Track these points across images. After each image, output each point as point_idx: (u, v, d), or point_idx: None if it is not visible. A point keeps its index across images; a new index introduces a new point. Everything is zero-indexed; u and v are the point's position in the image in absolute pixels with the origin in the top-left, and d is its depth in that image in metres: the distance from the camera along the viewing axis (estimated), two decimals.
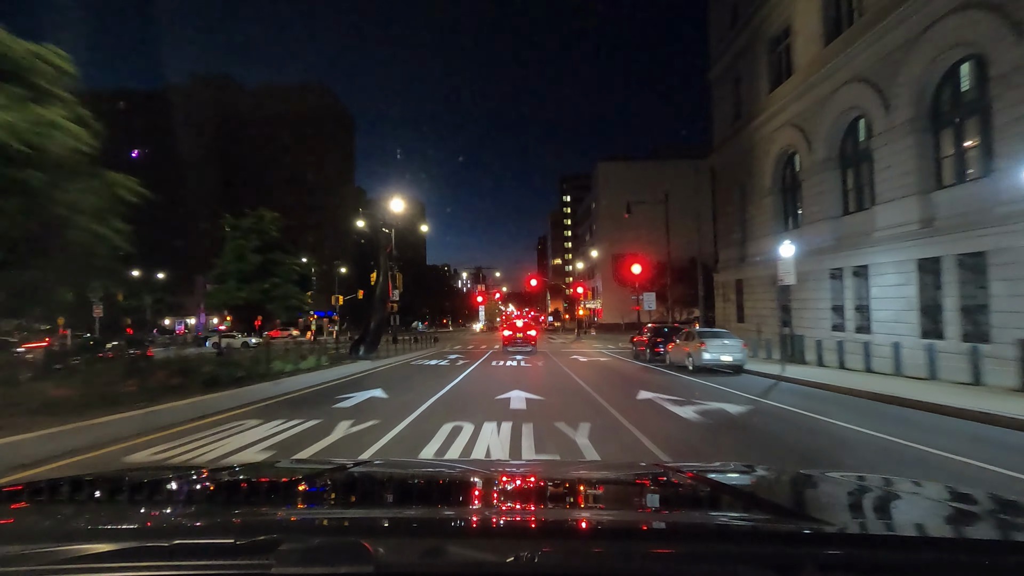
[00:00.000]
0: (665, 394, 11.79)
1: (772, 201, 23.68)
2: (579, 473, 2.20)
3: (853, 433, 7.96)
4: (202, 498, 1.58)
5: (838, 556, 0.95)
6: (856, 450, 6.99)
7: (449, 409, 9.77)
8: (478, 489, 1.69)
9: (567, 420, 8.45)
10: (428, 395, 11.68)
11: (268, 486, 1.70)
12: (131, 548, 1.04)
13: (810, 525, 1.18)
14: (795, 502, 1.61)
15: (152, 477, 1.82)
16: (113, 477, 1.86)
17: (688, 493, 1.69)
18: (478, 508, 1.45)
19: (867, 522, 1.38)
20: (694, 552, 1.00)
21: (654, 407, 10.11)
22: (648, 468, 2.26)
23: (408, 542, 1.04)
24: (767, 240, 23.45)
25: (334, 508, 1.48)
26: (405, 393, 12.21)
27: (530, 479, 1.89)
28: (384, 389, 12.86)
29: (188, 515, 1.27)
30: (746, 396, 11.68)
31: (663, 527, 1.21)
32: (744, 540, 1.08)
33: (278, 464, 3.52)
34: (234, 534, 1.04)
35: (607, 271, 73.47)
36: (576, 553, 1.00)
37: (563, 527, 1.17)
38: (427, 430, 7.82)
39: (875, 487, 1.69)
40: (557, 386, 13.83)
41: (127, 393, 9.05)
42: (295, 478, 1.82)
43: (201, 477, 1.83)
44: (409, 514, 1.31)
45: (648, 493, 1.71)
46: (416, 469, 2.40)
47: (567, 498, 1.67)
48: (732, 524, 1.25)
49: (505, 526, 1.15)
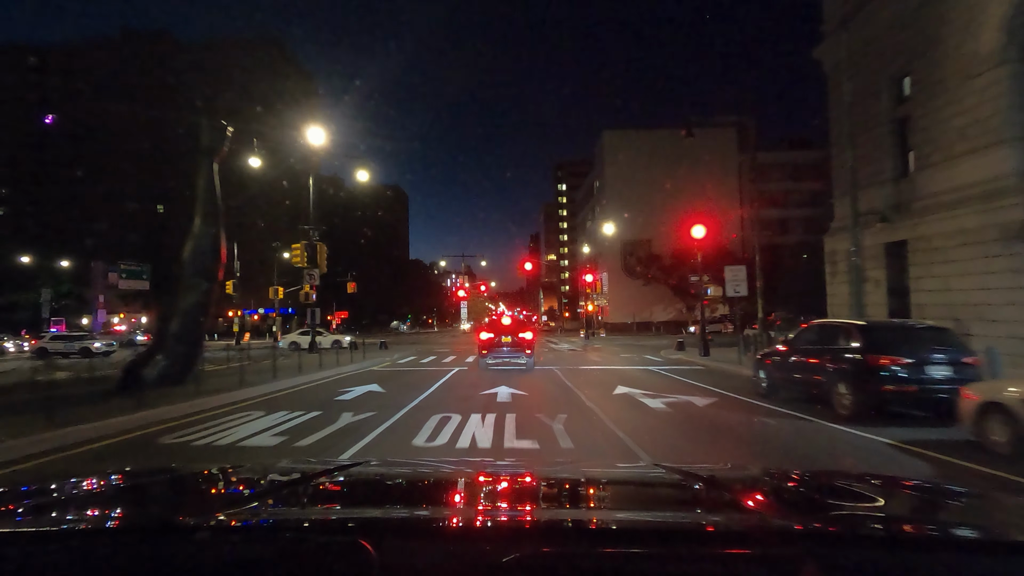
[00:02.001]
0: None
1: (1005, 77, 12.02)
2: (579, 474, 2.04)
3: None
4: (203, 498, 1.63)
5: (837, 556, 0.96)
6: None
7: None
8: (479, 489, 1.68)
9: None
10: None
11: (269, 486, 1.72)
12: (132, 546, 1.04)
13: (808, 525, 1.17)
14: (793, 502, 1.60)
15: (153, 478, 1.86)
16: (115, 479, 1.84)
17: (685, 493, 1.65)
18: (478, 508, 1.44)
19: (867, 522, 1.31)
20: (692, 553, 0.99)
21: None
22: (647, 468, 2.44)
23: (408, 542, 1.03)
24: (995, 153, 11.83)
25: (334, 508, 1.50)
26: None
27: (530, 480, 1.85)
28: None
29: (188, 515, 1.23)
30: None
31: (660, 527, 1.17)
32: (741, 540, 1.05)
33: (278, 464, 3.11)
34: (235, 534, 1.06)
35: (613, 262, 61.56)
36: (574, 553, 0.99)
37: (562, 527, 1.16)
38: None
39: (876, 487, 1.68)
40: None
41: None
42: (296, 478, 1.83)
43: (201, 477, 1.89)
44: (409, 514, 1.32)
45: (645, 493, 1.73)
46: (416, 469, 2.28)
47: (566, 499, 1.65)
48: (728, 524, 1.21)
49: (505, 526, 1.14)
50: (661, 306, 60.74)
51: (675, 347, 22.95)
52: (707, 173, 62.01)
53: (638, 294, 61.28)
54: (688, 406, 9.49)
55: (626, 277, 61.51)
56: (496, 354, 15.86)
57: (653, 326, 60.44)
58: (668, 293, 59.66)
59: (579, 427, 7.60)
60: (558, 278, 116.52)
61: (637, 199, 61.61)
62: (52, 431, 7.15)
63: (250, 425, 8.20)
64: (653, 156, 63.03)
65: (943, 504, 1.53)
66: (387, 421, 8.27)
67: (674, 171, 62.56)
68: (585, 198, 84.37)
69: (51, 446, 6.80)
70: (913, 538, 1.13)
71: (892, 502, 1.50)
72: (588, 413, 8.80)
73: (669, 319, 60.49)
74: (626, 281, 61.75)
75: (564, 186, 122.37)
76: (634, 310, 61.67)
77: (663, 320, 60.60)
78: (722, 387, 11.92)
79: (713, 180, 62.13)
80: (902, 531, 1.19)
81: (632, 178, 63.52)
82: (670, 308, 61.26)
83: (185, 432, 7.76)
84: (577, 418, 8.28)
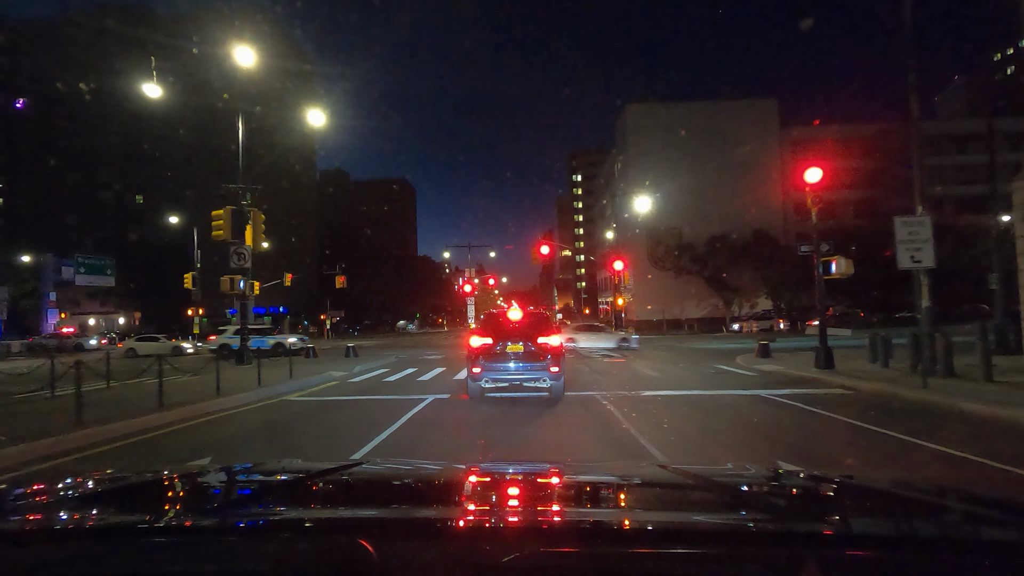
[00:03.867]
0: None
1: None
2: (580, 474, 2.00)
3: None
4: (203, 499, 1.59)
5: (837, 557, 0.95)
6: None
7: None
8: (479, 489, 1.64)
9: None
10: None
11: (268, 486, 1.70)
12: (134, 546, 1.03)
13: (809, 526, 1.16)
14: (795, 503, 1.55)
15: (156, 478, 1.81)
16: (116, 479, 1.80)
17: (688, 494, 1.62)
18: (478, 508, 1.41)
19: (867, 522, 1.31)
20: (693, 553, 0.97)
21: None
22: (648, 469, 2.30)
23: (408, 542, 1.02)
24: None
25: (334, 508, 1.46)
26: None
27: (531, 480, 1.80)
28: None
29: (190, 515, 1.22)
30: None
31: (662, 528, 1.14)
32: (743, 541, 1.04)
33: (278, 464, 2.61)
34: (236, 534, 1.05)
35: (637, 253, 54.35)
36: (575, 554, 0.97)
37: (562, 527, 1.13)
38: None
39: (876, 487, 1.64)
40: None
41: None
42: (296, 478, 1.79)
43: (202, 478, 1.85)
44: (409, 514, 1.30)
45: (648, 494, 1.67)
46: (417, 469, 2.16)
47: (567, 499, 1.61)
48: (731, 525, 1.20)
49: (505, 526, 1.10)
50: (693, 301, 53.60)
51: (757, 353, 16.20)
52: (744, 151, 54.68)
53: (667, 288, 54.15)
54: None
55: (652, 269, 54.30)
56: (497, 370, 9.20)
57: (685, 324, 53.36)
58: (702, 286, 52.60)
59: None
60: (574, 274, 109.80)
61: (664, 181, 54.33)
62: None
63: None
64: (681, 133, 55.81)
65: (948, 505, 1.43)
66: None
67: (706, 149, 55.44)
68: (604, 184, 77.33)
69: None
70: (913, 538, 1.09)
71: (894, 503, 1.47)
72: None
73: (703, 316, 53.31)
74: (652, 274, 54.58)
75: (579, 177, 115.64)
76: (662, 306, 54.54)
77: (696, 317, 53.47)
78: (988, 453, 5.25)
79: (751, 158, 54.88)
80: (902, 531, 1.16)
81: (658, 157, 56.36)
82: (704, 303, 54.12)
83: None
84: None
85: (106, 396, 10.30)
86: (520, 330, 9.44)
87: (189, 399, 9.17)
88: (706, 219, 52.97)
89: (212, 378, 10.48)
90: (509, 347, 9.21)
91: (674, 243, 52.96)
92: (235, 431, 7.47)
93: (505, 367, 9.17)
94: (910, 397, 8.67)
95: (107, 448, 6.51)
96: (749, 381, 11.66)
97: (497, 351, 9.22)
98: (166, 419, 7.95)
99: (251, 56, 14.83)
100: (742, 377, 12.47)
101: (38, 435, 6.50)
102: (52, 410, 8.42)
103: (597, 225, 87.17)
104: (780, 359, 15.44)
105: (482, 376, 9.19)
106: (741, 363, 15.38)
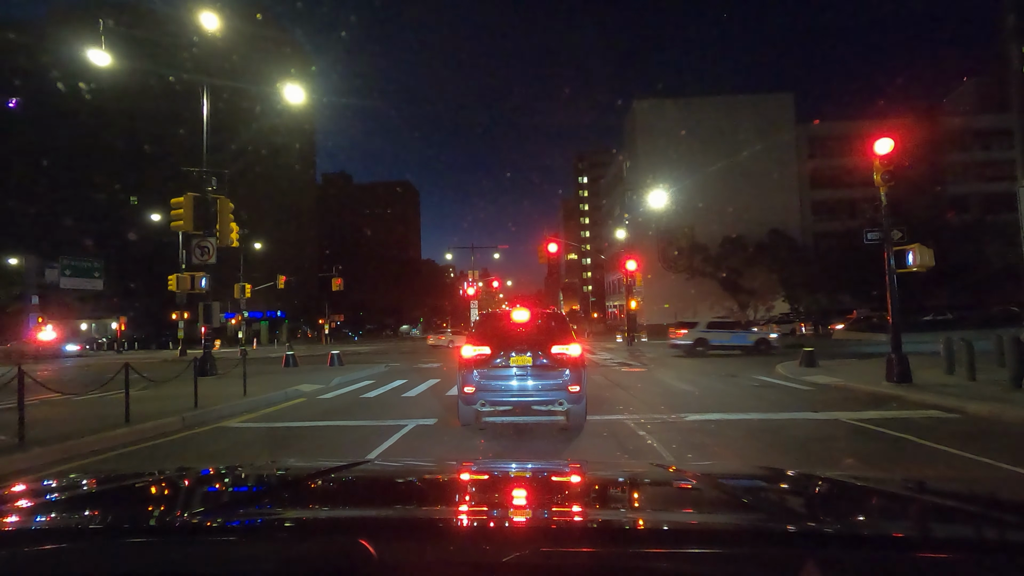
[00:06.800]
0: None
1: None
2: (581, 474, 1.94)
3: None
4: (204, 499, 1.56)
5: (838, 557, 0.94)
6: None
7: None
8: (479, 489, 1.63)
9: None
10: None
11: (268, 486, 1.69)
12: (135, 546, 1.02)
13: (810, 526, 1.15)
14: (795, 503, 1.55)
15: (154, 478, 1.79)
16: (117, 479, 1.81)
17: (689, 494, 1.60)
18: (478, 508, 1.40)
19: (868, 523, 1.30)
20: (694, 553, 0.96)
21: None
22: (648, 469, 2.26)
23: (407, 542, 1.01)
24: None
25: (334, 508, 1.45)
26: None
27: (531, 480, 1.78)
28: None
29: (190, 515, 1.21)
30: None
31: (662, 528, 1.14)
32: (744, 541, 1.03)
33: (278, 464, 2.91)
34: (236, 534, 1.04)
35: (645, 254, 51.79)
36: (575, 553, 0.96)
37: (563, 527, 1.12)
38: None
39: (877, 487, 1.63)
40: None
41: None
42: (296, 478, 1.77)
43: (202, 478, 1.83)
44: (409, 514, 1.29)
45: (648, 494, 1.66)
46: (417, 469, 2.15)
47: (567, 499, 1.59)
48: (731, 525, 1.18)
49: (505, 526, 1.11)
50: (706, 304, 51.02)
51: (801, 361, 13.95)
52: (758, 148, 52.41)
53: (678, 290, 51.82)
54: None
55: (662, 271, 51.97)
56: (498, 390, 6.96)
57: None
58: (715, 288, 50.23)
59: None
60: (580, 278, 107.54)
61: (675, 180, 52.05)
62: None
63: None
64: (692, 129, 53.69)
65: (949, 505, 1.42)
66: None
67: (718, 146, 53.23)
68: (612, 184, 75.17)
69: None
70: (912, 539, 1.08)
71: (893, 503, 1.46)
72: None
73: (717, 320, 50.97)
74: (662, 276, 52.24)
75: (585, 179, 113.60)
76: (674, 309, 52.05)
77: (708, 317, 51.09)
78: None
79: (766, 155, 52.63)
80: (902, 532, 1.15)
81: (669, 155, 54.23)
82: (717, 306, 51.47)
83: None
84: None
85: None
86: (528, 336, 7.23)
87: (75, 431, 6.86)
88: (719, 219, 50.86)
89: (151, 395, 8.33)
90: (513, 359, 7.00)
91: (686, 244, 50.63)
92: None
93: (508, 386, 6.94)
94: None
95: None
96: (809, 398, 9.41)
97: (498, 363, 7.00)
98: (16, 464, 5.66)
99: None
100: (796, 392, 10.23)
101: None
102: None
103: (604, 227, 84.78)
104: (829, 369, 13.19)
105: (477, 397, 6.98)
106: (784, 373, 13.14)
